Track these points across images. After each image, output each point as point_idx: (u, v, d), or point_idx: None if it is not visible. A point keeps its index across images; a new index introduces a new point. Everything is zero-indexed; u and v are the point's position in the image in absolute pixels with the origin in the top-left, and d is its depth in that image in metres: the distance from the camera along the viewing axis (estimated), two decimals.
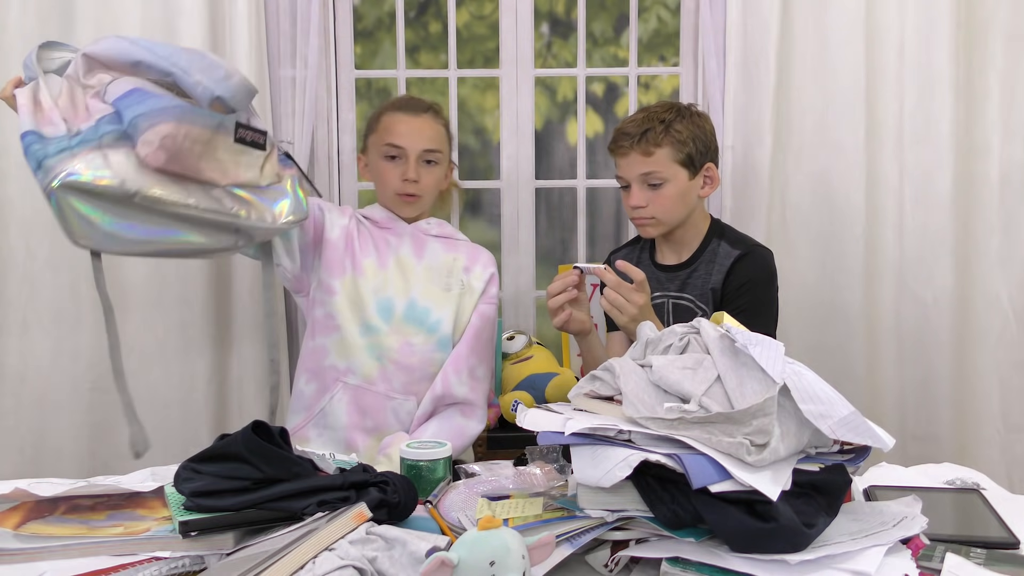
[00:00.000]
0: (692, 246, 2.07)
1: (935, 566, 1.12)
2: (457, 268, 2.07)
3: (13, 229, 2.39)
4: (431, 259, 2.07)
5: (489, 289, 2.09)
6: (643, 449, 1.16)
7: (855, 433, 1.18)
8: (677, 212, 2.02)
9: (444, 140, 2.12)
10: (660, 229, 2.04)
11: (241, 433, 1.26)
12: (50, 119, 1.69)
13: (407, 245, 2.08)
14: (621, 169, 2.03)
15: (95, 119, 1.69)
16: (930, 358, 2.49)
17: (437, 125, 2.10)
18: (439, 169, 2.10)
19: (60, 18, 2.36)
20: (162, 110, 1.69)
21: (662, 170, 1.98)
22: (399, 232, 2.09)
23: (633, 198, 2.00)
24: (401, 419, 1.99)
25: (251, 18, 2.38)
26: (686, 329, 1.36)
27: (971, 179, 2.47)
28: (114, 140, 1.68)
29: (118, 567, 1.17)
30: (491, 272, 2.10)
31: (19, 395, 2.42)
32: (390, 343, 2.00)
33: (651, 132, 1.97)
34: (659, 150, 1.97)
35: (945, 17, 2.41)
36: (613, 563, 1.17)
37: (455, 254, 2.09)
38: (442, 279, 2.05)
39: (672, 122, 1.98)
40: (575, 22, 2.67)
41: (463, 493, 1.35)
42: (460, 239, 2.15)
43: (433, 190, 2.11)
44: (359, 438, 1.98)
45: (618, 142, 2.02)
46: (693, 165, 2.00)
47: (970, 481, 1.51)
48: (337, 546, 1.10)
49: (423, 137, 2.06)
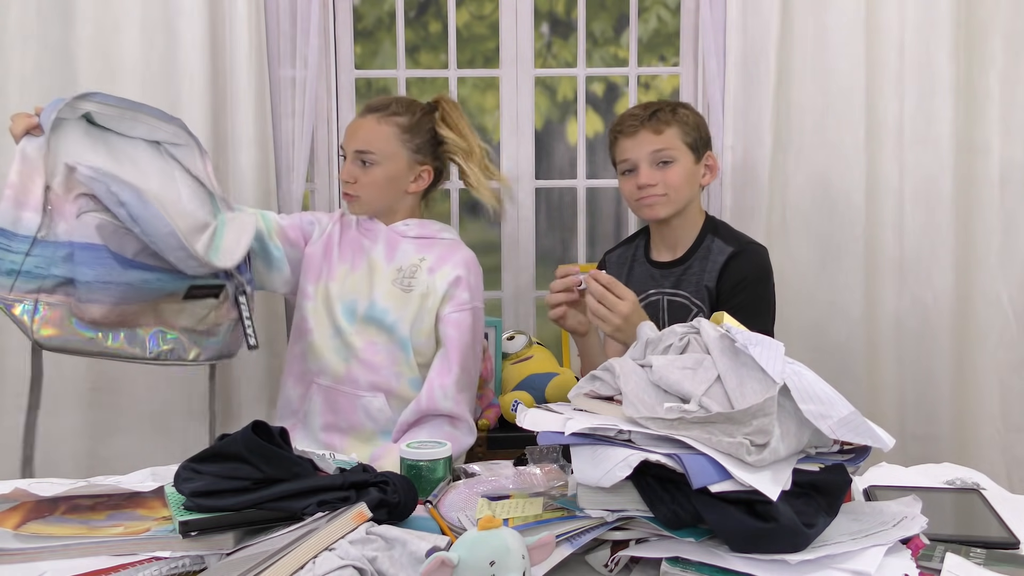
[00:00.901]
0: (687, 242, 2.07)
1: (935, 566, 1.12)
2: (422, 268, 2.03)
3: None
4: (401, 260, 2.05)
5: (456, 294, 2.01)
6: (643, 449, 1.16)
7: (855, 433, 1.17)
8: (684, 193, 2.03)
9: (387, 140, 2.04)
10: (669, 208, 2.03)
11: (241, 433, 1.26)
12: (31, 202, 1.77)
13: (380, 247, 2.07)
14: (628, 151, 2.03)
15: (52, 246, 1.78)
16: (930, 358, 2.50)
17: (381, 125, 2.05)
18: (379, 170, 2.04)
19: (60, 18, 2.37)
20: (106, 285, 1.79)
21: (672, 148, 2.01)
22: (375, 234, 2.09)
23: (643, 176, 2.01)
24: (372, 416, 1.99)
25: (251, 18, 2.38)
26: (686, 329, 1.36)
27: (971, 179, 2.47)
28: (54, 286, 1.78)
29: (118, 567, 1.16)
30: (457, 274, 2.01)
31: (19, 395, 2.41)
32: (355, 343, 2.01)
33: (660, 112, 2.03)
34: (669, 128, 2.01)
35: (945, 17, 2.41)
36: (613, 563, 1.17)
37: (424, 254, 2.05)
38: (404, 280, 2.02)
39: (677, 108, 2.06)
40: (575, 22, 2.67)
41: (463, 493, 1.35)
42: (443, 238, 2.09)
43: (373, 190, 2.05)
44: (335, 439, 2.00)
45: (625, 122, 2.04)
46: (697, 150, 2.05)
47: (970, 481, 1.50)
48: (337, 546, 1.10)
49: (356, 137, 2.06)
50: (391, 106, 2.08)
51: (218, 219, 1.97)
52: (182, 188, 1.95)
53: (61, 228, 1.78)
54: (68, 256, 1.78)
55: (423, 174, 2.10)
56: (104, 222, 1.80)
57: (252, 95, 2.40)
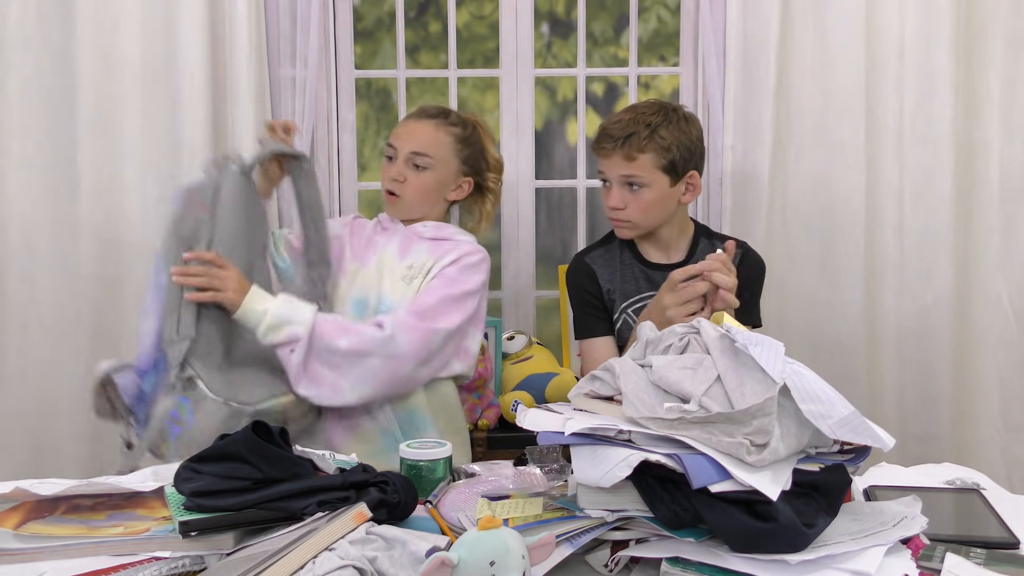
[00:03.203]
0: (680, 246, 2.07)
1: (935, 566, 1.12)
2: (429, 264, 2.01)
3: (13, 229, 2.40)
4: (413, 259, 2.03)
5: (445, 271, 1.98)
6: (643, 449, 1.16)
7: (855, 433, 1.17)
8: (654, 217, 2.01)
9: (443, 146, 2.07)
10: (635, 232, 2.04)
11: (241, 433, 1.26)
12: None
13: (394, 244, 2.06)
14: (603, 167, 2.02)
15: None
16: (930, 358, 2.50)
17: (439, 132, 2.07)
18: (430, 175, 2.05)
19: (60, 18, 2.37)
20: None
21: (643, 175, 1.96)
22: (392, 233, 2.09)
23: (612, 199, 2.00)
24: (373, 415, 1.96)
25: (251, 18, 2.39)
26: (686, 329, 1.35)
27: (971, 179, 2.47)
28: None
29: (118, 567, 1.16)
30: (454, 256, 1.99)
31: (19, 395, 2.42)
32: None
33: (635, 137, 1.94)
34: (642, 155, 1.95)
35: (945, 17, 2.41)
36: (613, 563, 1.17)
37: (437, 255, 2.02)
38: (411, 274, 2.01)
39: (658, 127, 1.95)
40: (575, 22, 2.67)
41: (463, 493, 1.35)
42: (460, 239, 2.08)
43: (420, 194, 2.06)
44: (337, 436, 1.96)
45: (601, 143, 1.99)
46: (675, 172, 1.97)
47: (970, 481, 1.50)
48: (337, 546, 1.10)
49: (414, 139, 2.05)
50: (449, 116, 2.11)
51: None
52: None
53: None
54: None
55: (464, 184, 2.11)
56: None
57: (252, 95, 2.40)
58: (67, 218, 2.41)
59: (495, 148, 2.20)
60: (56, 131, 2.39)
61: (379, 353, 1.87)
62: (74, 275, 2.41)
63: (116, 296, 2.43)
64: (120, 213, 2.42)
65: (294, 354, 1.82)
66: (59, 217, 2.41)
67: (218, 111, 2.42)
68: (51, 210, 2.41)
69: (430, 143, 2.06)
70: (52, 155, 2.40)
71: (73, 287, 2.41)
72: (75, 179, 2.41)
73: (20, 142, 2.38)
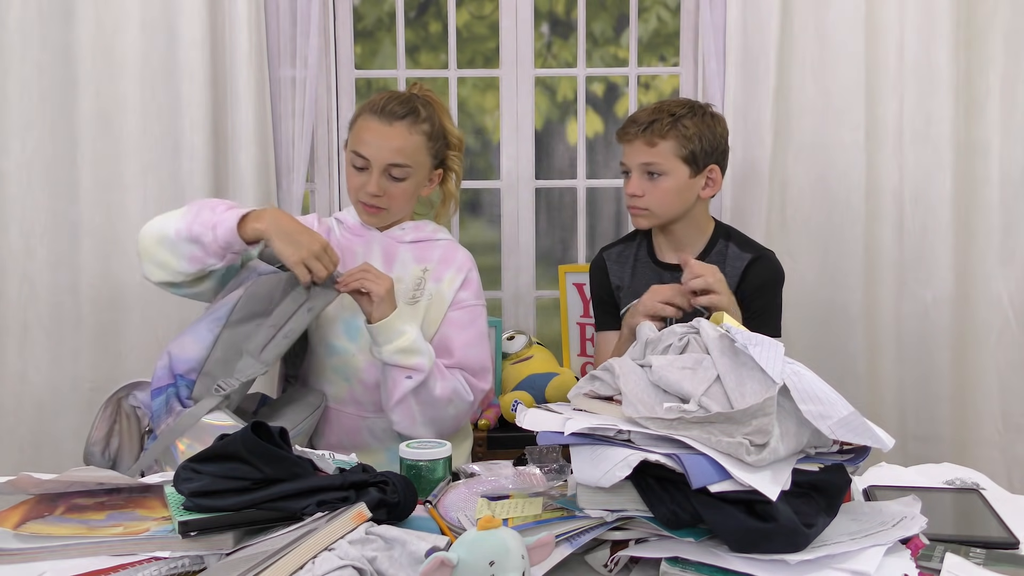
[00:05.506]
0: (696, 246, 2.06)
1: (935, 566, 1.12)
2: (426, 279, 1.95)
3: (13, 229, 2.40)
4: (400, 271, 1.94)
5: (460, 297, 1.95)
6: (643, 449, 1.16)
7: (855, 433, 1.17)
8: (672, 207, 2.00)
9: (418, 151, 1.92)
10: (652, 221, 2.03)
11: (241, 433, 1.26)
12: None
13: (376, 256, 1.96)
14: (625, 156, 2.02)
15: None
16: (930, 358, 2.49)
17: (412, 135, 1.90)
18: (409, 183, 1.93)
19: (60, 18, 2.37)
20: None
21: (663, 162, 1.97)
22: (369, 241, 1.98)
23: (631, 186, 2.00)
24: (378, 436, 1.93)
25: (251, 18, 2.38)
26: (686, 329, 1.35)
27: (971, 179, 2.46)
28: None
29: (118, 567, 1.17)
30: (463, 277, 1.95)
31: (19, 395, 2.42)
32: (357, 363, 1.91)
33: (658, 123, 1.96)
34: (663, 142, 1.96)
35: (945, 17, 2.41)
36: (613, 563, 1.17)
37: (425, 264, 1.96)
38: (408, 292, 1.93)
39: (682, 117, 1.97)
40: (575, 22, 2.67)
41: (463, 493, 1.35)
42: (439, 239, 2.01)
43: (401, 202, 1.95)
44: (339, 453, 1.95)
45: (626, 129, 2.02)
46: (696, 163, 1.98)
47: (970, 481, 1.50)
48: (337, 546, 1.10)
49: (389, 149, 1.89)
50: (417, 112, 1.93)
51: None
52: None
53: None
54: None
55: (435, 177, 2.01)
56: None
57: (252, 95, 2.40)
58: (67, 218, 2.41)
59: (452, 123, 2.03)
60: (56, 131, 2.39)
61: (457, 404, 1.88)
62: (74, 275, 2.41)
63: (116, 296, 2.43)
64: (120, 213, 2.42)
65: (410, 381, 1.80)
66: (59, 217, 2.41)
67: (218, 111, 2.42)
68: (51, 210, 2.41)
69: (407, 151, 1.90)
70: (52, 155, 2.40)
71: (73, 287, 2.41)
72: (75, 179, 2.40)
73: (20, 142, 2.38)
